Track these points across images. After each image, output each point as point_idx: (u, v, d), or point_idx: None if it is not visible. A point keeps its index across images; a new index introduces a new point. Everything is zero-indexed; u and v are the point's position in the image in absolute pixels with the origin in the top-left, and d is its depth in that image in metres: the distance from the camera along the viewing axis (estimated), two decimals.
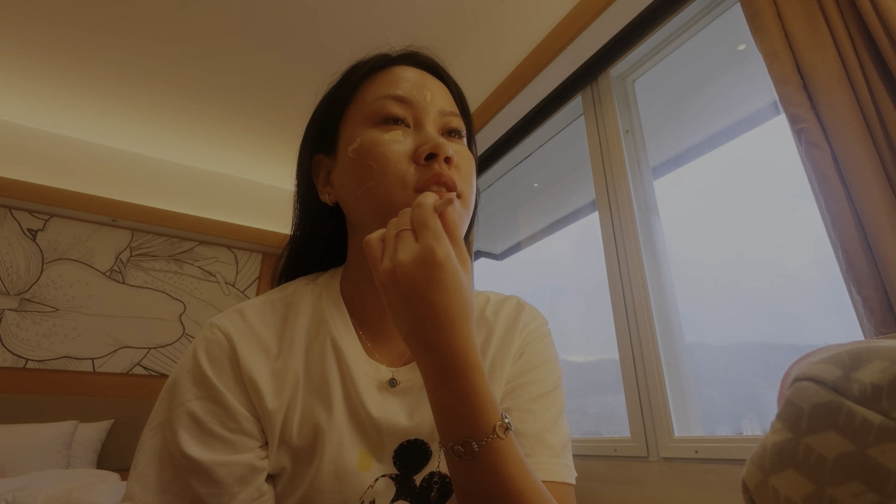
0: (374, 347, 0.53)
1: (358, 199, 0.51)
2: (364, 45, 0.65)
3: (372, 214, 0.50)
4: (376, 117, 0.52)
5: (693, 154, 1.58)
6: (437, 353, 0.39)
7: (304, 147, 0.60)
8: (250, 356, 0.48)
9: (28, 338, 2.71)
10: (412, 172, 0.49)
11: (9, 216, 2.83)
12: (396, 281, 0.39)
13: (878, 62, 0.96)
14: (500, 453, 0.39)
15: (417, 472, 0.49)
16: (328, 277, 0.58)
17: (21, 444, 2.25)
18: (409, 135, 0.51)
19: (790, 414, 0.23)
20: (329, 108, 0.57)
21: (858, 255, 0.91)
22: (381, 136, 0.50)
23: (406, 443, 0.49)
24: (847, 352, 0.23)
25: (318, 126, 0.58)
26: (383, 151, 0.49)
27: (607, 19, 1.60)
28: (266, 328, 0.51)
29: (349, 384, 0.49)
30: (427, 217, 0.40)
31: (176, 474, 0.44)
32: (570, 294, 2.01)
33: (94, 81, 2.62)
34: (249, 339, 0.49)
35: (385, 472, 0.49)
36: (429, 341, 0.39)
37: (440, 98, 0.54)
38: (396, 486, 0.49)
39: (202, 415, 0.45)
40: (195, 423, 0.45)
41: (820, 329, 1.20)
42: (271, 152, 3.30)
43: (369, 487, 0.47)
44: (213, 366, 0.47)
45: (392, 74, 0.55)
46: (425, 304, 0.38)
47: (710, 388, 1.42)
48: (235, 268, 3.43)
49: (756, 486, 0.24)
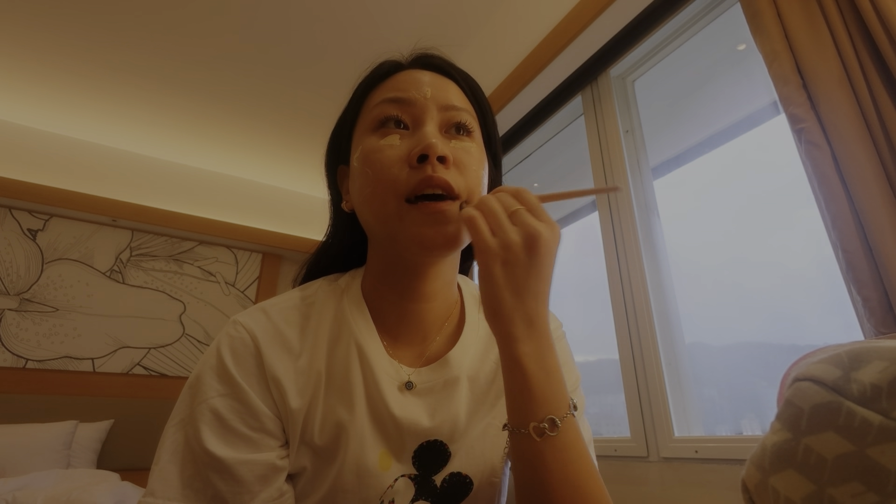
0: (394, 349, 0.53)
1: (362, 205, 0.52)
2: (364, 45, 0.65)
3: (374, 220, 0.50)
4: (375, 123, 0.52)
5: (693, 154, 1.58)
6: (538, 329, 0.41)
7: (328, 158, 0.61)
8: (274, 354, 0.48)
9: (28, 338, 2.71)
10: (404, 177, 0.48)
11: (9, 216, 2.82)
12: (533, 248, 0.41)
13: (878, 62, 0.96)
14: (575, 429, 0.41)
15: (436, 473, 0.50)
16: (349, 278, 0.58)
17: (21, 444, 2.25)
18: (408, 137, 0.50)
19: (790, 414, 0.23)
20: (343, 121, 0.58)
21: (858, 255, 0.91)
22: (378, 142, 0.50)
23: (426, 443, 0.50)
24: (846, 352, 0.23)
25: (336, 139, 0.59)
26: (378, 157, 0.49)
27: (607, 19, 1.59)
28: (289, 327, 0.51)
29: (371, 384, 0.49)
30: (537, 201, 0.44)
31: (197, 471, 0.44)
32: (570, 294, 2.01)
33: (94, 82, 2.61)
34: (273, 337, 0.49)
35: (404, 473, 0.49)
36: (536, 315, 0.41)
37: (442, 93, 0.52)
38: (416, 486, 0.49)
39: (225, 412, 0.45)
40: (218, 420, 0.45)
41: (820, 329, 1.20)
42: (272, 152, 3.30)
43: (389, 487, 0.48)
44: (237, 363, 0.47)
45: (393, 80, 0.54)
46: (548, 277, 0.42)
47: (710, 388, 1.42)
48: (235, 268, 3.43)
49: (756, 487, 0.24)
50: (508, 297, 0.41)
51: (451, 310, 0.58)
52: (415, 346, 0.54)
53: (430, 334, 0.55)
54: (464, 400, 0.52)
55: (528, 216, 0.42)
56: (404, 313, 0.54)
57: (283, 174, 3.54)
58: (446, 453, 0.50)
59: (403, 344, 0.54)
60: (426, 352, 0.54)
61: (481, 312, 0.59)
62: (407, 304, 0.54)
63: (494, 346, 0.55)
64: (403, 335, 0.54)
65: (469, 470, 0.51)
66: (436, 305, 0.55)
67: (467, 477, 0.50)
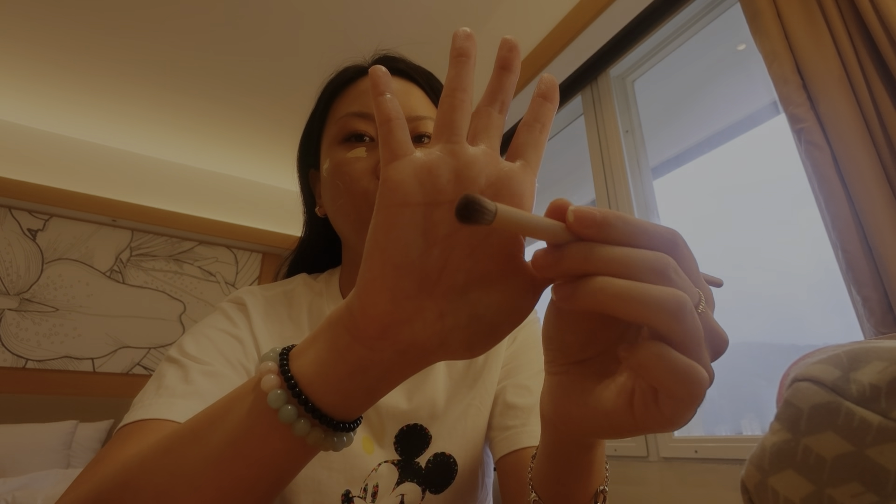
0: None
1: (335, 214, 0.55)
2: (363, 47, 0.65)
3: (348, 227, 0.54)
4: (341, 136, 0.54)
5: (693, 154, 1.58)
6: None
7: (299, 163, 0.64)
8: (260, 321, 0.53)
9: (28, 338, 2.71)
10: (373, 188, 0.50)
11: (9, 216, 2.82)
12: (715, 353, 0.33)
13: (878, 62, 0.96)
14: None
15: (419, 456, 0.52)
16: (328, 276, 0.62)
17: (21, 444, 2.25)
18: (374, 148, 0.52)
19: (789, 414, 0.23)
20: (311, 127, 0.61)
21: (858, 255, 0.91)
22: (345, 155, 0.53)
23: (406, 427, 0.52)
24: (846, 352, 0.23)
25: (304, 146, 0.62)
26: (347, 171, 0.52)
27: (607, 19, 1.59)
28: (278, 306, 0.56)
29: None
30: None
31: (176, 373, 0.45)
32: None
33: (94, 81, 2.61)
34: (261, 307, 0.55)
35: (387, 458, 0.51)
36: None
37: (406, 103, 0.54)
38: (399, 470, 0.51)
39: (217, 336, 0.49)
40: (209, 340, 0.49)
41: (820, 329, 1.20)
42: (272, 152, 3.30)
43: (372, 471, 0.50)
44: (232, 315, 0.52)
45: (356, 89, 0.56)
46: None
47: (710, 388, 1.42)
48: (235, 268, 3.43)
49: (755, 487, 0.24)
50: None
51: None
52: None
53: None
54: (441, 382, 0.55)
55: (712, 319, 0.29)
56: None
57: (284, 174, 3.54)
58: (427, 436, 0.53)
59: None
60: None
61: None
62: None
63: None
64: None
65: (452, 450, 0.52)
66: None
67: (451, 457, 0.52)
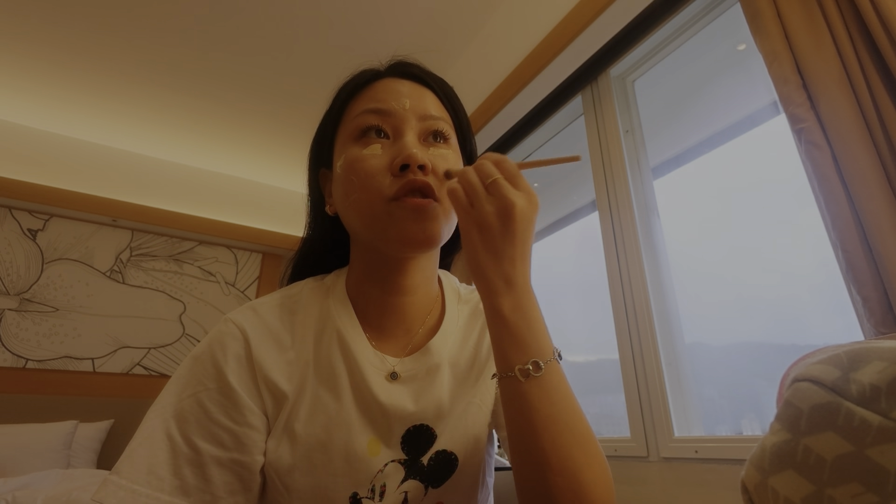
0: (379, 342, 0.57)
1: (347, 210, 0.55)
2: (364, 47, 0.65)
3: (359, 224, 0.54)
4: (357, 132, 0.55)
5: (693, 154, 1.58)
6: (517, 286, 0.45)
7: (311, 162, 0.64)
8: (263, 348, 0.52)
9: (28, 338, 2.71)
10: (388, 183, 0.51)
11: (9, 216, 2.82)
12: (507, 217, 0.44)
13: (878, 62, 0.96)
14: (559, 373, 0.44)
15: (424, 454, 0.52)
16: (334, 277, 0.62)
17: (21, 444, 2.25)
18: (389, 146, 0.53)
19: (789, 415, 0.23)
20: (324, 128, 0.62)
21: (858, 255, 0.91)
22: (361, 151, 0.54)
23: (413, 428, 0.53)
24: (846, 353, 0.23)
25: (318, 145, 0.63)
26: (362, 166, 0.52)
27: (607, 19, 1.59)
28: (278, 322, 0.55)
29: (356, 373, 0.53)
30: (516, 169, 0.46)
31: (168, 459, 0.46)
32: (571, 294, 2.01)
33: (95, 81, 2.61)
34: (262, 332, 0.53)
35: (394, 458, 0.51)
36: (513, 275, 0.44)
37: (420, 103, 0.56)
38: (405, 468, 0.51)
39: (211, 405, 0.48)
40: (203, 411, 0.47)
41: (820, 329, 1.20)
42: (272, 152, 3.30)
43: (379, 472, 0.50)
44: (227, 359, 0.50)
45: (373, 89, 0.58)
46: (523, 241, 0.45)
47: (710, 388, 1.42)
48: (235, 268, 3.43)
49: (755, 487, 0.24)
50: (486, 260, 0.45)
51: (433, 303, 0.62)
52: (399, 339, 0.58)
53: (413, 327, 0.59)
54: (446, 384, 0.56)
55: (505, 186, 0.45)
56: (387, 307, 0.57)
57: (284, 174, 3.54)
58: (432, 435, 0.53)
59: (388, 337, 0.58)
60: (410, 343, 0.58)
61: (461, 304, 0.64)
62: (389, 297, 0.57)
63: (473, 333, 0.61)
64: (388, 329, 0.58)
65: (453, 446, 0.53)
66: (417, 299, 0.59)
67: (452, 453, 0.53)
